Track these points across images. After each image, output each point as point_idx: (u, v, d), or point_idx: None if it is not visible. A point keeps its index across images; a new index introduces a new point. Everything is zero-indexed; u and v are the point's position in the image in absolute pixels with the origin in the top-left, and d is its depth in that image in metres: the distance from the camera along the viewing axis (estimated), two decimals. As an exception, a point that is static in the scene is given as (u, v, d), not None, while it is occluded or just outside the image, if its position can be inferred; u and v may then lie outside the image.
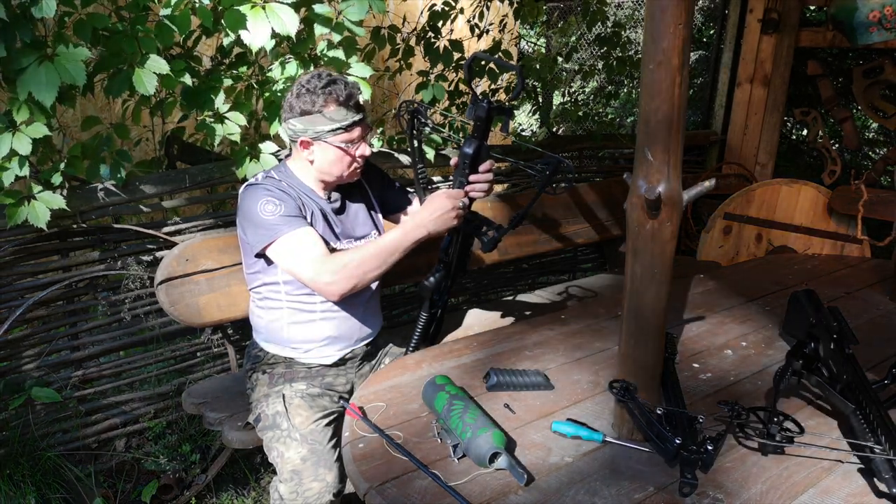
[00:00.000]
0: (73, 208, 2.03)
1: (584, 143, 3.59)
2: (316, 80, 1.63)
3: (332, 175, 1.72)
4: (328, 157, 1.68)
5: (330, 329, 1.78)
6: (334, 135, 1.64)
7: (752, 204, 3.50)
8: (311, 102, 1.62)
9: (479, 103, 1.69)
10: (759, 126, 4.00)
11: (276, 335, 1.79)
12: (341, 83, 1.64)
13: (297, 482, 1.61)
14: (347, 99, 1.64)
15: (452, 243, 1.80)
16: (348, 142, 1.66)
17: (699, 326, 1.80)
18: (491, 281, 3.35)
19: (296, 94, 1.64)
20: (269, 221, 1.62)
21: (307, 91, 1.62)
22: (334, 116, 1.62)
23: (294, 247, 1.63)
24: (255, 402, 1.77)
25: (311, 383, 1.78)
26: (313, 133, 1.64)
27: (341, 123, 1.63)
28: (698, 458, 1.12)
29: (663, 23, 0.97)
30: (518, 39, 4.77)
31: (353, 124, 1.65)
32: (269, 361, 1.81)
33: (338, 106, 1.63)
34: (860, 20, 3.09)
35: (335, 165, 1.69)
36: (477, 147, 1.70)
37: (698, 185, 1.11)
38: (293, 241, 1.62)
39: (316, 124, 1.63)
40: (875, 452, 1.10)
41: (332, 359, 1.81)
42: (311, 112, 1.62)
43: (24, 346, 2.15)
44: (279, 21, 1.85)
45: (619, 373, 1.24)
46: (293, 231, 1.62)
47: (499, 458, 1.13)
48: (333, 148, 1.66)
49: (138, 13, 1.91)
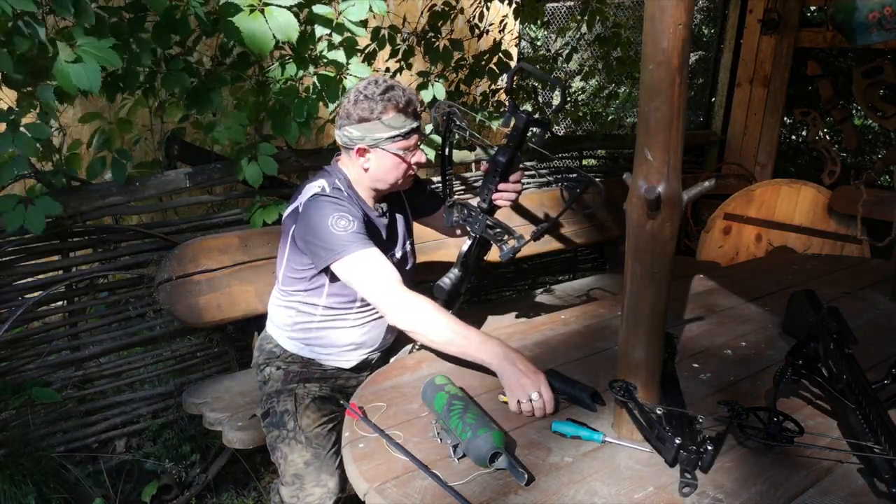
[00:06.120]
0: (73, 208, 2.03)
1: (583, 143, 3.60)
2: (374, 87, 1.59)
3: (386, 183, 1.68)
4: (384, 165, 1.64)
5: (357, 336, 1.77)
6: (392, 142, 1.61)
7: (751, 204, 3.50)
8: (369, 109, 1.58)
9: (518, 113, 1.67)
10: (758, 126, 4.00)
11: (301, 336, 1.78)
12: (399, 89, 1.61)
13: (299, 486, 1.61)
14: (407, 105, 1.61)
15: (472, 248, 1.80)
16: (405, 149, 1.63)
17: (699, 326, 1.80)
18: (491, 281, 3.35)
19: (353, 101, 1.60)
20: (342, 238, 1.56)
21: (365, 98, 1.59)
22: (393, 123, 1.59)
23: (367, 265, 1.56)
24: (266, 397, 1.76)
25: (323, 385, 1.77)
26: (371, 140, 1.60)
27: (400, 130, 1.60)
28: (698, 458, 1.12)
29: (663, 23, 0.97)
30: (518, 39, 4.78)
31: (411, 131, 1.62)
32: (286, 358, 1.80)
33: (397, 112, 1.60)
34: (860, 20, 3.09)
35: (391, 173, 1.66)
36: (511, 157, 1.70)
37: (698, 185, 1.10)
38: (365, 261, 1.56)
39: (374, 132, 1.60)
40: (875, 452, 1.10)
41: (353, 363, 1.81)
42: (370, 119, 1.59)
43: (24, 346, 2.15)
44: (278, 24, 1.85)
45: (619, 373, 1.24)
46: (364, 250, 1.56)
47: (499, 458, 1.13)
48: (391, 155, 1.63)
49: (138, 13, 1.91)
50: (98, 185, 2.12)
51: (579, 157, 3.68)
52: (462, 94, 3.11)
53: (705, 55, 4.75)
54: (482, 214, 1.76)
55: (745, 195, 3.51)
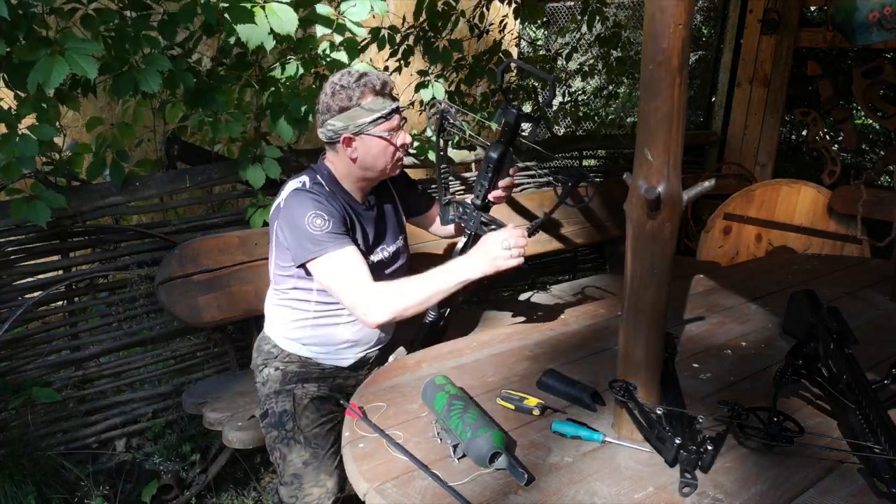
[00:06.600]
0: (73, 208, 2.03)
1: (584, 143, 3.59)
2: (347, 77, 1.62)
3: (375, 169, 1.70)
4: (371, 151, 1.66)
5: (352, 333, 1.78)
6: (376, 125, 1.63)
7: (751, 204, 3.50)
8: (347, 98, 1.61)
9: (509, 109, 1.68)
10: (758, 126, 4.00)
11: (297, 335, 1.78)
12: (373, 75, 1.63)
13: (298, 486, 1.61)
14: (383, 87, 1.64)
15: (467, 247, 1.80)
16: (389, 130, 1.65)
17: (699, 326, 1.80)
18: (491, 281, 3.34)
19: (330, 94, 1.63)
20: (316, 237, 1.58)
21: (342, 87, 1.61)
22: (373, 107, 1.62)
23: (338, 267, 1.59)
24: (265, 398, 1.76)
25: (321, 385, 1.77)
26: (355, 127, 1.62)
27: (381, 112, 1.62)
28: (698, 458, 1.12)
29: (663, 23, 0.97)
30: (518, 39, 4.77)
31: (392, 112, 1.65)
32: (283, 359, 1.80)
33: (375, 95, 1.62)
34: (860, 20, 3.09)
35: (379, 158, 1.67)
36: (503, 152, 1.70)
37: (698, 185, 1.10)
38: (338, 261, 1.59)
39: (357, 118, 1.62)
40: (875, 452, 1.10)
41: (350, 361, 1.81)
42: (350, 107, 1.61)
43: (24, 346, 2.15)
44: (278, 20, 1.85)
45: (619, 373, 1.24)
46: (339, 250, 1.58)
47: (499, 458, 1.13)
48: (376, 139, 1.65)
49: (141, 12, 1.91)
50: (98, 185, 2.12)
51: (579, 157, 3.68)
52: (462, 95, 3.11)
53: (705, 55, 4.75)
54: (476, 211, 1.76)
55: (745, 195, 3.51)
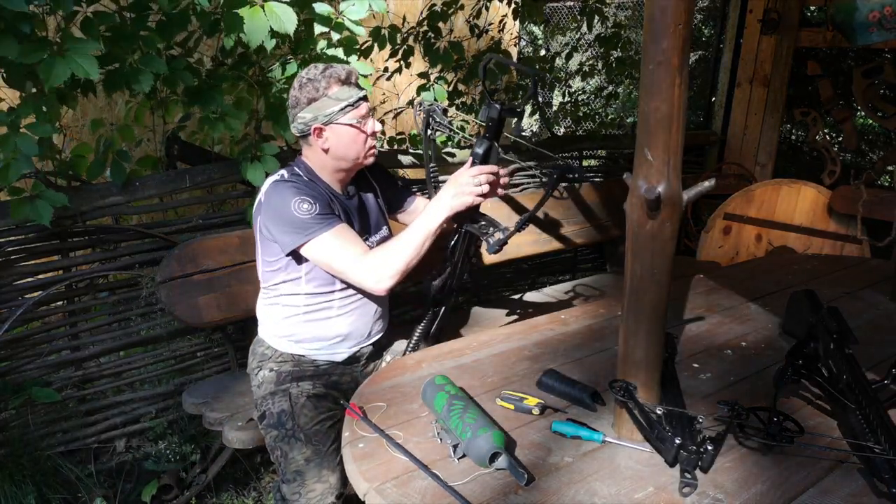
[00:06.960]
0: (74, 208, 2.03)
1: (584, 143, 3.60)
2: (314, 70, 1.67)
3: (348, 159, 1.72)
4: (343, 140, 1.69)
5: (344, 326, 1.79)
6: (344, 113, 1.66)
7: (751, 204, 3.50)
8: (314, 89, 1.65)
9: (492, 105, 1.70)
10: (758, 126, 4.00)
11: (289, 332, 1.79)
12: (338, 66, 1.68)
13: (300, 483, 1.61)
14: (348, 77, 1.68)
15: (458, 244, 1.80)
16: (358, 118, 1.68)
17: (699, 326, 1.80)
18: (491, 281, 3.35)
19: (298, 87, 1.67)
20: (306, 221, 1.61)
21: (309, 80, 1.66)
22: (340, 96, 1.65)
23: (335, 246, 1.63)
24: (261, 400, 1.76)
25: (317, 382, 1.78)
26: (324, 117, 1.65)
27: (348, 101, 1.66)
28: (698, 458, 1.12)
29: (663, 23, 0.97)
30: (518, 39, 4.78)
31: (359, 100, 1.68)
32: (277, 359, 1.80)
33: (341, 85, 1.66)
34: (860, 20, 3.09)
35: (351, 147, 1.70)
36: (487, 147, 1.71)
37: (698, 185, 1.10)
38: (332, 240, 1.63)
39: (325, 108, 1.65)
40: (875, 452, 1.10)
41: (344, 356, 1.82)
42: (318, 97, 1.65)
43: (24, 346, 2.15)
44: (277, 19, 1.86)
45: (619, 373, 1.24)
46: (331, 229, 1.63)
47: (499, 458, 1.13)
48: (346, 128, 1.67)
49: (140, 13, 1.91)
50: (98, 185, 2.12)
51: (579, 157, 3.68)
52: (461, 94, 3.11)
53: (705, 55, 4.75)
54: None
55: (745, 195, 3.51)
